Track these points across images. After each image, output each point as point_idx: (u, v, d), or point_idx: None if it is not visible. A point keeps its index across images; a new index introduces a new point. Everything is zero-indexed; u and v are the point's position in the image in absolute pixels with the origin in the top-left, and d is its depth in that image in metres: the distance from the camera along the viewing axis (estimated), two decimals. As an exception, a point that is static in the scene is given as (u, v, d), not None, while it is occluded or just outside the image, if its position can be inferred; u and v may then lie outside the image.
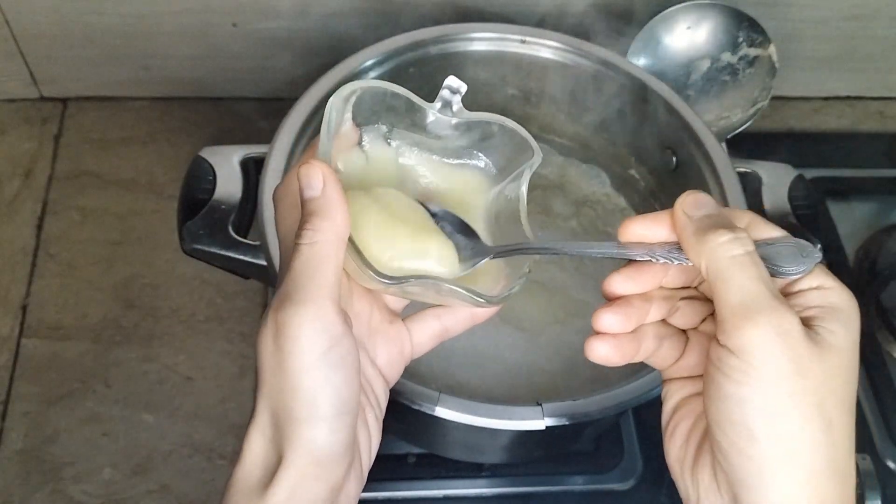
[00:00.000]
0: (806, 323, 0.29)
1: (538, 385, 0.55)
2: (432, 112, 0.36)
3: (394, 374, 0.36)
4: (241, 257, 0.50)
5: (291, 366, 0.29)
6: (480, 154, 0.38)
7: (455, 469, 0.58)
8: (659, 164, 0.60)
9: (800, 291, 0.30)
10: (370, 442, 0.34)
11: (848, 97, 0.84)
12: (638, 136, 0.61)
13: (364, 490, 0.58)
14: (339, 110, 0.34)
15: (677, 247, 0.32)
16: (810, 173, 0.66)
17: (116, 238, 0.69)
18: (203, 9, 0.68)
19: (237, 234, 0.50)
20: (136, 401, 0.61)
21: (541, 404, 0.44)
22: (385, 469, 0.58)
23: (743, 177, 0.55)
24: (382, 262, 0.33)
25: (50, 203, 0.70)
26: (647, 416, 0.61)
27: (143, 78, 0.75)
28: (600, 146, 0.64)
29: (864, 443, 0.62)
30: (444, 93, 0.36)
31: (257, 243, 0.49)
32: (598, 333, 0.33)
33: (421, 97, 0.35)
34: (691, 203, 0.31)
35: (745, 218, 0.32)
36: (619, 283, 0.33)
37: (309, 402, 0.29)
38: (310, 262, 0.30)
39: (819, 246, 0.31)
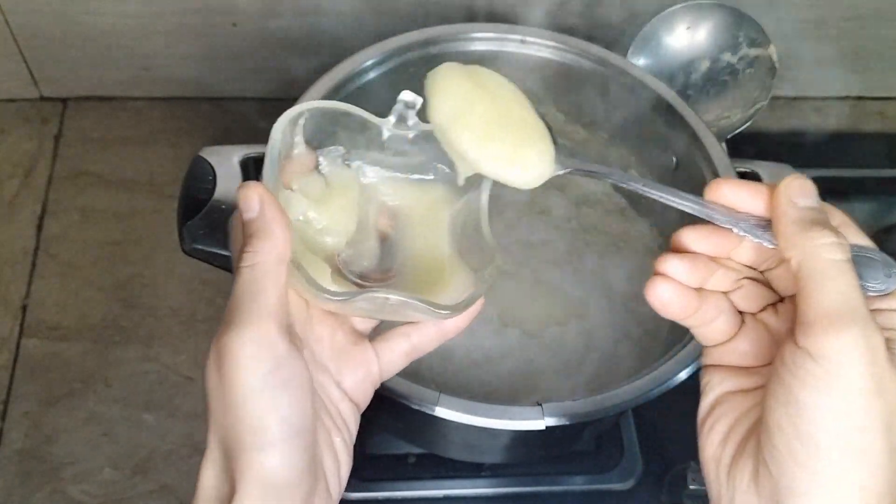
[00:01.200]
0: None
1: (538, 385, 0.55)
2: (387, 128, 0.35)
3: (362, 397, 0.35)
4: None
5: (234, 391, 0.28)
6: (444, 167, 0.37)
7: (455, 469, 0.58)
8: (659, 163, 0.60)
9: (880, 310, 0.29)
10: (339, 468, 0.33)
11: (848, 97, 0.84)
12: (638, 136, 0.61)
13: (364, 490, 0.58)
14: (285, 133, 0.33)
15: (762, 224, 0.30)
16: (810, 173, 0.65)
17: (116, 238, 0.69)
18: (203, 9, 0.68)
19: None
20: (137, 401, 0.61)
21: (540, 404, 0.44)
22: (385, 469, 0.58)
23: (743, 177, 0.56)
24: (480, 166, 0.33)
25: (50, 203, 0.70)
26: (646, 416, 0.61)
27: (143, 78, 0.75)
28: (600, 146, 0.64)
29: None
30: (399, 107, 0.35)
31: None
32: (660, 275, 0.31)
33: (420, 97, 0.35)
34: (797, 190, 0.29)
35: (838, 218, 0.30)
36: (691, 238, 0.32)
37: (256, 427, 0.28)
38: (249, 284, 0.29)
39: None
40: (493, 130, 0.33)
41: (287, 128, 0.33)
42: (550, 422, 0.43)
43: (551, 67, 0.60)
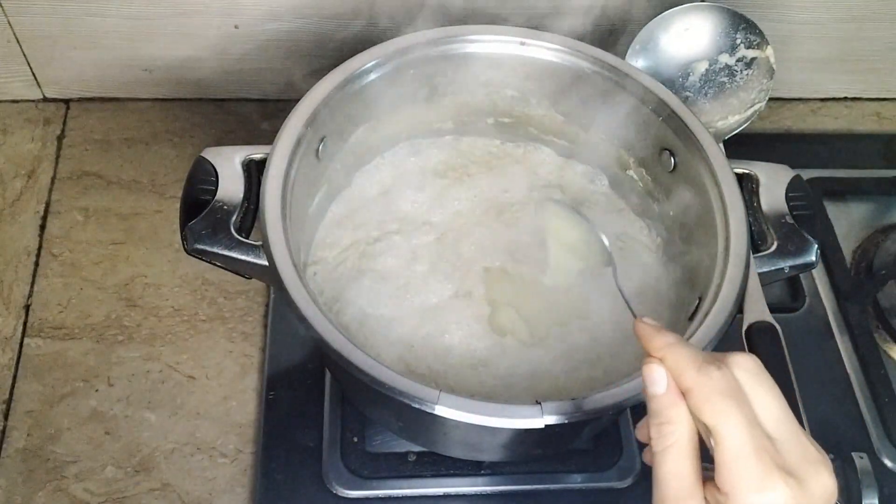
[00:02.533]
0: None
1: (538, 385, 0.56)
2: None
3: None
4: (243, 257, 0.50)
5: None
6: None
7: (455, 467, 0.59)
8: (657, 165, 0.60)
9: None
10: None
11: (845, 98, 0.85)
12: (636, 138, 0.61)
13: (364, 488, 0.59)
14: None
15: None
16: (808, 174, 0.66)
17: (119, 238, 0.69)
18: (205, 11, 0.69)
19: (239, 234, 0.51)
20: (139, 399, 0.62)
21: (540, 403, 0.44)
22: (385, 467, 0.58)
23: (741, 178, 0.56)
24: None
25: (53, 203, 0.71)
26: (645, 415, 0.62)
27: (146, 79, 0.75)
28: (599, 147, 0.64)
29: (861, 441, 0.62)
30: None
31: (259, 243, 0.49)
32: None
33: (420, 98, 0.35)
34: (647, 380, 0.35)
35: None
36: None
37: None
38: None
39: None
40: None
41: None
42: (550, 420, 0.44)
43: (550, 69, 0.61)
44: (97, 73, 0.75)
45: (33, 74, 0.74)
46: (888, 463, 0.62)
